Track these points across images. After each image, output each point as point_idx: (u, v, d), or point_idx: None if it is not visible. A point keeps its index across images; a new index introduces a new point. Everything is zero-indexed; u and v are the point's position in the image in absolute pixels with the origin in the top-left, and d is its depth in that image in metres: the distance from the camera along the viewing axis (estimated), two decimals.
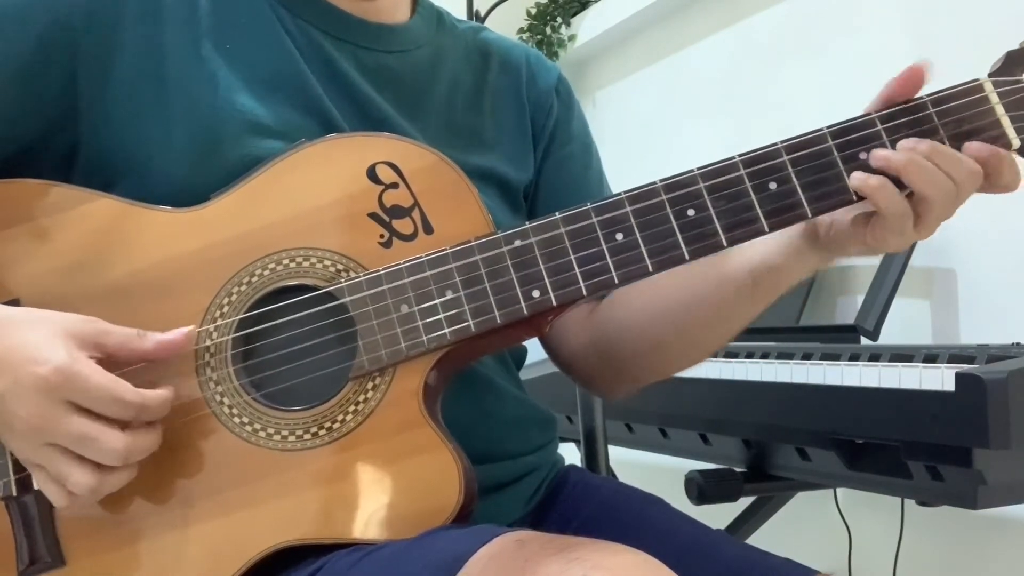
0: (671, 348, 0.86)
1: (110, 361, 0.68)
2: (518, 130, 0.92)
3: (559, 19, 2.39)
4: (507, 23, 2.30)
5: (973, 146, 0.70)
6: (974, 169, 0.70)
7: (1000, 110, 0.71)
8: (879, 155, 0.70)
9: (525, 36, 2.39)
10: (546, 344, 0.94)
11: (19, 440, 0.67)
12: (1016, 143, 0.72)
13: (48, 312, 0.69)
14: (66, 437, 0.66)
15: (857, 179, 0.70)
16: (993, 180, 0.71)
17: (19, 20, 0.76)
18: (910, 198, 0.70)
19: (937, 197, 0.70)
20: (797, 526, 1.54)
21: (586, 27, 2.33)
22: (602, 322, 0.89)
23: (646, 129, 2.19)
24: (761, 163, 0.71)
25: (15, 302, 0.73)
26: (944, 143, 0.71)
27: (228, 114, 0.77)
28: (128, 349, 0.69)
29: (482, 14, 2.23)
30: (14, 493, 0.71)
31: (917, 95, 0.72)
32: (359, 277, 0.72)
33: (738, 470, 1.27)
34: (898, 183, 0.70)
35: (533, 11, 2.42)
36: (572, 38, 2.37)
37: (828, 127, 0.72)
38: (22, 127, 0.76)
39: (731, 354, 1.19)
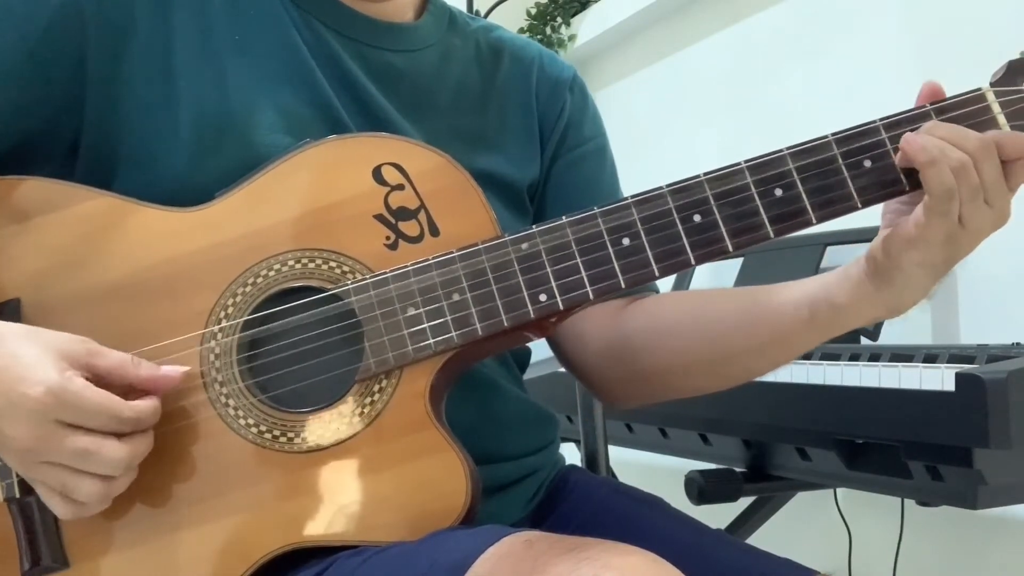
0: (705, 369, 0.84)
1: (100, 382, 0.67)
2: (524, 130, 0.92)
3: (559, 19, 2.39)
4: (507, 23, 2.28)
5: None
6: (985, 138, 0.69)
7: (1002, 119, 0.71)
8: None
9: (525, 36, 2.39)
10: (558, 346, 0.92)
11: (16, 459, 0.67)
12: None
13: (38, 329, 0.68)
14: (64, 455, 0.65)
15: (912, 143, 0.69)
16: (1008, 157, 0.69)
17: (26, 7, 0.76)
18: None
19: (955, 170, 0.68)
20: (797, 526, 1.54)
21: (586, 27, 2.33)
22: (629, 330, 0.87)
23: (646, 129, 2.19)
24: (767, 170, 0.71)
25: (16, 301, 0.73)
26: None
27: (234, 107, 0.77)
28: (120, 374, 0.68)
29: (482, 14, 2.23)
30: (17, 495, 0.70)
31: (920, 104, 0.72)
32: (365, 279, 0.72)
33: (738, 470, 1.27)
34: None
35: (533, 11, 2.42)
36: (572, 38, 2.37)
37: (833, 134, 0.72)
38: (30, 113, 0.76)
39: None
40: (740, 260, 1.57)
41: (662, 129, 2.14)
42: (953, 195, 0.68)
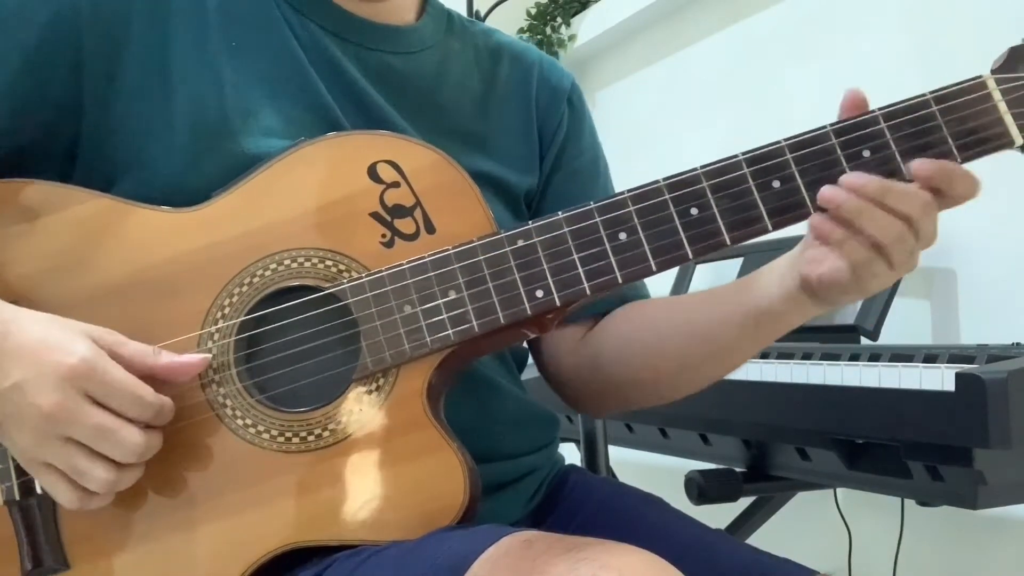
0: (667, 379, 0.86)
1: None
2: (523, 135, 0.92)
3: (559, 19, 2.39)
4: (507, 23, 2.30)
5: (917, 165, 0.70)
6: (927, 199, 0.69)
7: (1003, 107, 0.71)
8: (826, 195, 0.69)
9: (525, 36, 2.39)
10: (538, 361, 0.94)
11: (32, 434, 0.66)
12: (1019, 140, 0.71)
13: (65, 318, 0.69)
14: (85, 429, 0.65)
15: (819, 226, 0.70)
16: (946, 193, 0.70)
17: (21, 13, 0.76)
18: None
19: (893, 239, 0.68)
20: (797, 526, 1.54)
21: (586, 27, 2.33)
22: (597, 345, 0.89)
23: (646, 129, 2.19)
24: (764, 161, 0.71)
25: (13, 303, 0.72)
26: (947, 141, 0.70)
27: (231, 111, 0.77)
28: (140, 363, 0.68)
29: (482, 14, 2.23)
30: (17, 497, 0.70)
31: (920, 92, 0.72)
32: (361, 278, 0.72)
33: (738, 470, 1.27)
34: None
35: (533, 11, 2.42)
36: (572, 38, 2.37)
37: (831, 125, 0.71)
38: (27, 120, 0.76)
39: None
40: (740, 261, 1.57)
41: (662, 129, 2.14)
42: (872, 259, 0.69)
